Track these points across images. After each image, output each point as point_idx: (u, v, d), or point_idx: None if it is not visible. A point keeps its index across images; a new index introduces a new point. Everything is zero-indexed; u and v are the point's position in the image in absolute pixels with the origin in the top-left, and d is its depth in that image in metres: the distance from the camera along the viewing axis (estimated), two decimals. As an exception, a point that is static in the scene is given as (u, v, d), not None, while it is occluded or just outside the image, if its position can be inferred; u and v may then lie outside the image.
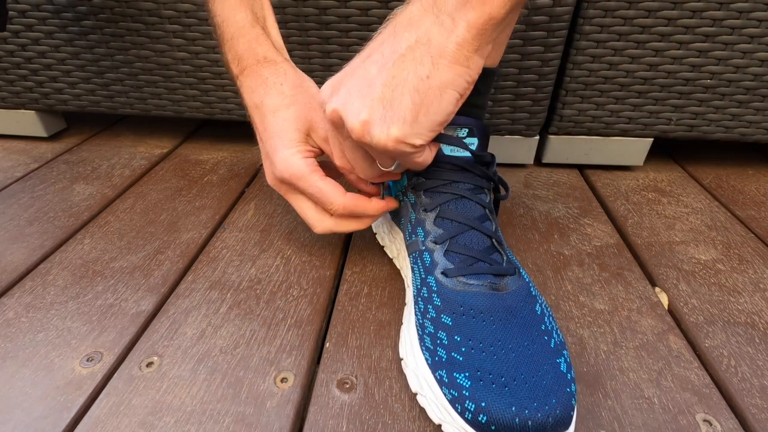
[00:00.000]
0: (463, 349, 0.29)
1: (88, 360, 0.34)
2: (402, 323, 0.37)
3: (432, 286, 0.33)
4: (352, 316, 0.39)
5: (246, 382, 0.33)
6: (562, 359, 0.29)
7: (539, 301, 0.32)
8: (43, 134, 0.70)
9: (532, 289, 0.33)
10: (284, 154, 0.36)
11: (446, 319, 0.31)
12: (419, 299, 0.34)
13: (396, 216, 0.42)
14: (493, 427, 0.26)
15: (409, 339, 0.33)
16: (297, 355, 0.35)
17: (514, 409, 0.26)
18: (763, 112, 0.58)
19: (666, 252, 0.48)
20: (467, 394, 0.27)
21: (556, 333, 0.31)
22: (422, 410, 0.31)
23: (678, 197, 0.59)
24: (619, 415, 0.31)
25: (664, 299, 0.41)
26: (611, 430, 0.30)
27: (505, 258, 0.34)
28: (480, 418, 0.26)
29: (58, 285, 0.42)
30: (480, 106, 0.39)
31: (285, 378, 0.33)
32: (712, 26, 0.52)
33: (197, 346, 0.36)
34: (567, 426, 0.26)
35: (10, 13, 0.58)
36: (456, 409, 0.27)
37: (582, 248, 0.48)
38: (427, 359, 0.30)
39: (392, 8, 0.52)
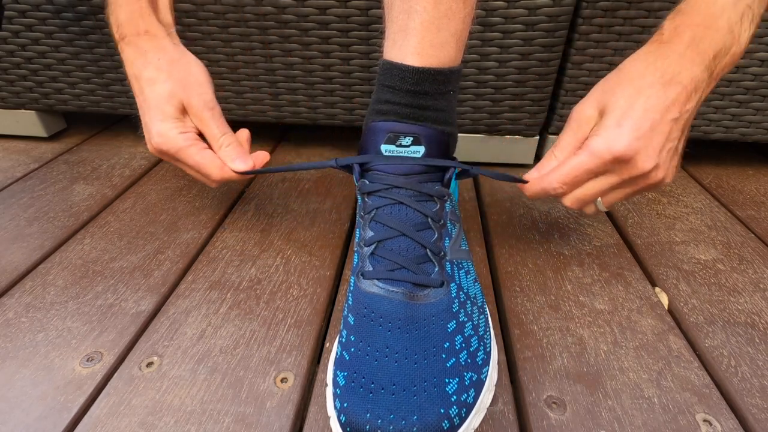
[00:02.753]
0: (353, 350, 0.29)
1: (88, 360, 0.34)
2: None
3: (351, 285, 0.33)
4: (352, 316, 0.39)
5: (246, 382, 0.33)
6: (456, 380, 0.28)
7: (460, 319, 0.31)
8: (43, 134, 0.70)
9: (455, 306, 0.31)
10: (161, 127, 0.39)
11: (350, 318, 0.31)
12: (347, 296, 0.34)
13: None
14: (348, 429, 0.26)
15: (338, 333, 0.34)
16: (297, 355, 0.35)
17: (368, 416, 0.26)
18: (763, 112, 0.58)
19: (666, 252, 0.48)
20: (339, 392, 0.28)
21: (467, 354, 0.30)
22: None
23: (678, 197, 0.59)
24: (619, 415, 0.31)
25: (664, 299, 0.41)
26: (611, 430, 0.30)
27: (437, 269, 0.32)
28: (341, 418, 0.27)
29: (58, 285, 0.42)
30: (432, 108, 0.35)
31: (285, 378, 0.33)
32: (712, 26, 0.51)
33: (197, 346, 0.36)
34: None
35: (11, 13, 0.58)
36: (335, 406, 0.28)
37: (582, 248, 0.48)
38: (336, 353, 0.31)
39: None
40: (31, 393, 0.32)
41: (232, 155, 0.41)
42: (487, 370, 0.30)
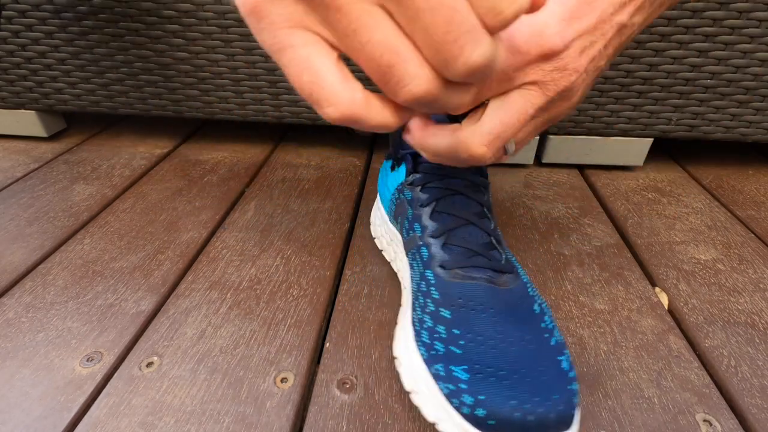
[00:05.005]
0: (462, 342, 0.28)
1: (88, 360, 0.34)
2: (397, 323, 0.37)
3: (430, 279, 0.32)
4: (352, 316, 0.39)
5: (246, 382, 0.33)
6: (564, 357, 0.29)
7: (537, 301, 0.32)
8: (43, 134, 0.70)
9: (530, 290, 0.33)
10: None
11: (445, 312, 0.30)
12: (418, 294, 0.33)
13: (393, 216, 0.42)
14: (491, 422, 0.25)
15: (404, 337, 0.32)
16: (297, 355, 0.35)
17: (514, 402, 0.25)
18: (763, 112, 0.58)
19: (666, 252, 0.48)
20: (465, 387, 0.26)
21: (557, 332, 0.31)
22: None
23: (678, 197, 0.59)
24: (619, 415, 0.31)
25: (664, 299, 0.41)
26: (611, 430, 0.30)
27: (504, 256, 0.34)
28: (477, 412, 0.25)
29: (58, 285, 0.41)
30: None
31: (285, 378, 0.33)
32: (712, 26, 0.52)
33: (197, 346, 0.36)
34: (569, 425, 0.25)
35: (11, 13, 0.58)
36: (453, 404, 0.26)
37: (582, 248, 0.48)
38: (422, 354, 0.29)
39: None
40: (31, 393, 0.32)
41: None
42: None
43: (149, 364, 0.34)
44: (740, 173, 0.65)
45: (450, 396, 0.26)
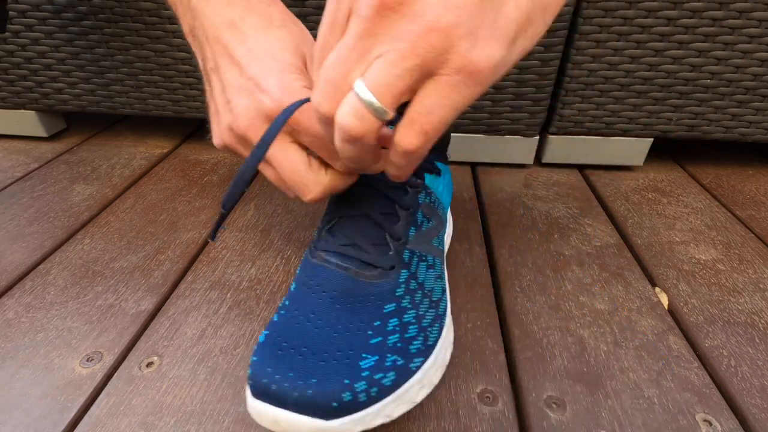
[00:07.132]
0: (283, 312, 0.30)
1: (88, 360, 0.34)
2: None
3: (303, 258, 0.34)
4: (352, 316, 0.39)
5: (246, 382, 0.33)
6: (375, 358, 0.27)
7: (401, 305, 0.30)
8: (43, 134, 0.70)
9: (399, 291, 0.31)
10: (285, 78, 0.28)
11: (293, 286, 0.32)
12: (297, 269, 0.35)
13: None
14: (250, 382, 0.26)
15: None
16: (297, 355, 0.35)
17: (269, 370, 0.25)
18: (763, 112, 0.58)
19: (666, 252, 0.48)
20: (256, 348, 0.27)
21: (399, 338, 0.28)
22: (422, 410, 0.31)
23: (678, 197, 0.59)
24: (619, 415, 0.31)
25: (664, 299, 0.42)
26: (611, 430, 0.30)
27: (391, 254, 0.32)
28: (249, 371, 0.26)
29: (58, 285, 0.42)
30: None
31: (285, 378, 0.33)
32: (712, 26, 0.52)
33: (197, 346, 0.36)
34: (319, 414, 0.24)
35: (11, 13, 0.58)
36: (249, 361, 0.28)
37: (582, 248, 0.48)
38: (274, 318, 0.31)
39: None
40: (31, 393, 0.32)
41: None
42: (421, 363, 0.29)
43: (149, 364, 0.34)
44: (740, 173, 0.65)
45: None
